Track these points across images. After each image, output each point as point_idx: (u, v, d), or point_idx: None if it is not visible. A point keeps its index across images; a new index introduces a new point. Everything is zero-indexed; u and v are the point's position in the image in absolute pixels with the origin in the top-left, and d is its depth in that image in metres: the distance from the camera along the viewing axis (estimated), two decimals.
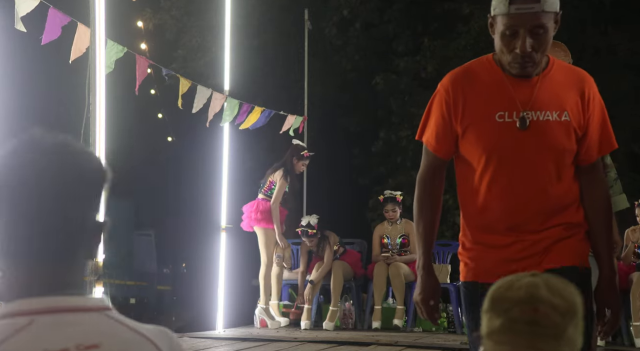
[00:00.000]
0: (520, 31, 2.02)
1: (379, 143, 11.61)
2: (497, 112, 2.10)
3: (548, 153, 2.10)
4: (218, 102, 6.09)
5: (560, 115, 2.09)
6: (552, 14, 2.05)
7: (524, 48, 2.02)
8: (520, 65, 2.06)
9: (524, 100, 2.09)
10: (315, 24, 9.80)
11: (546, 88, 2.10)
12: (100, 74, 3.84)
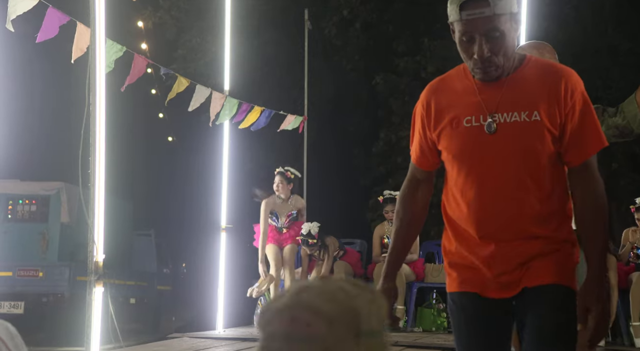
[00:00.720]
0: (475, 36, 1.97)
1: (379, 143, 11.61)
2: (465, 117, 2.05)
3: (518, 157, 2.00)
4: (218, 101, 6.09)
5: (529, 115, 2.00)
6: (508, 15, 1.96)
7: (480, 53, 1.97)
8: (482, 70, 2.01)
9: (491, 103, 2.02)
10: (315, 24, 9.80)
11: (515, 88, 2.03)
12: (100, 73, 3.84)
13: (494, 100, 2.03)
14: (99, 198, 3.77)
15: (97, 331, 3.64)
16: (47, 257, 10.03)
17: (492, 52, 1.97)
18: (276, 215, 6.76)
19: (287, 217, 6.79)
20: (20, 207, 10.32)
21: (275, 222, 6.79)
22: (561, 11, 10.38)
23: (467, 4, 1.95)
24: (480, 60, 1.98)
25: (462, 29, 1.98)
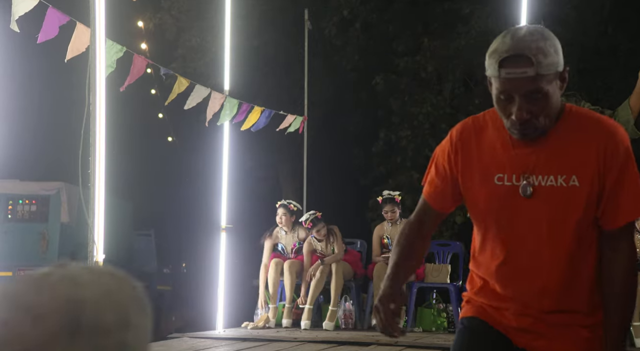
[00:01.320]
0: (515, 96, 1.78)
1: (379, 143, 11.61)
2: (496, 174, 1.89)
3: (551, 224, 1.84)
4: (217, 101, 6.09)
5: (567, 180, 1.83)
6: (553, 75, 1.77)
7: (520, 115, 1.79)
8: (520, 132, 1.82)
9: (526, 162, 1.86)
10: (315, 24, 9.80)
11: (552, 147, 1.85)
12: (100, 73, 3.84)
13: (529, 160, 1.86)
14: (99, 198, 3.77)
15: None
16: (47, 257, 10.02)
17: (532, 114, 1.78)
18: (282, 248, 6.87)
19: (293, 248, 6.90)
20: (20, 207, 10.31)
21: (282, 252, 6.88)
22: (561, 11, 10.37)
23: (508, 61, 1.76)
24: (518, 122, 1.80)
25: (500, 87, 1.79)
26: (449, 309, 6.87)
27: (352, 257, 6.93)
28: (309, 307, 6.52)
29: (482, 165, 1.91)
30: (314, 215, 6.75)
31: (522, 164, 1.86)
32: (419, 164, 11.28)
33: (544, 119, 1.81)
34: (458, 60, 11.14)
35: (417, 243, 2.07)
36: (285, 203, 6.94)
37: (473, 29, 10.99)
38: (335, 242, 6.73)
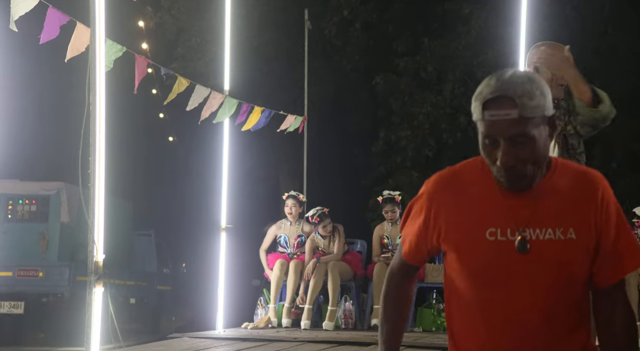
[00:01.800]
0: (499, 140, 1.69)
1: (379, 143, 11.63)
2: (487, 229, 1.76)
3: (553, 280, 1.75)
4: (217, 101, 6.09)
5: (564, 232, 1.74)
6: (539, 119, 1.69)
7: (505, 160, 1.69)
8: (507, 180, 1.73)
9: (521, 215, 1.75)
10: (315, 24, 9.80)
11: (547, 199, 1.75)
12: (100, 73, 3.83)
13: (524, 212, 1.75)
14: (99, 198, 3.77)
15: (97, 331, 3.64)
16: (47, 256, 10.03)
17: (518, 160, 1.69)
18: (285, 239, 6.87)
19: (296, 240, 6.90)
20: (20, 207, 10.32)
21: (284, 247, 6.88)
22: (561, 11, 10.38)
23: (492, 103, 1.70)
24: (504, 168, 1.71)
25: (484, 130, 1.72)
26: None
27: (352, 257, 6.93)
28: (308, 307, 6.52)
29: (470, 220, 1.78)
30: (321, 210, 6.75)
31: (516, 217, 1.75)
32: (419, 164, 11.29)
33: (532, 167, 1.71)
34: (458, 60, 11.15)
35: (406, 302, 2.05)
36: (294, 194, 7.01)
37: (473, 29, 11.00)
38: (337, 241, 6.74)
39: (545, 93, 1.71)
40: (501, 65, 10.34)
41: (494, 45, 10.70)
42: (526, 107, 1.67)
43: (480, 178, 1.79)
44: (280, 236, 6.93)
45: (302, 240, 6.89)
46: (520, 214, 1.75)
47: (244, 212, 9.22)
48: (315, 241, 6.79)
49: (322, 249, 6.78)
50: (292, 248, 6.88)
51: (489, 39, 10.87)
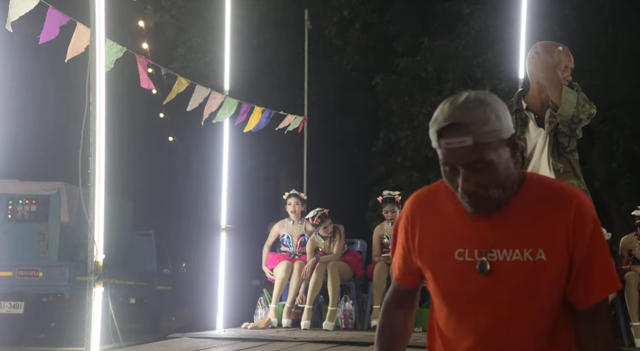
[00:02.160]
0: (458, 168, 1.67)
1: (379, 143, 11.63)
2: (456, 249, 1.74)
3: (521, 302, 1.69)
4: (217, 101, 6.09)
5: (533, 253, 1.69)
6: (496, 143, 1.64)
7: (465, 188, 1.66)
8: (471, 205, 1.70)
9: (488, 236, 1.71)
10: (315, 24, 9.80)
11: (516, 218, 1.71)
12: (100, 73, 3.83)
13: (491, 233, 1.71)
14: (99, 198, 3.77)
15: (97, 331, 3.64)
16: (47, 256, 10.03)
17: (479, 185, 1.66)
18: (288, 238, 6.87)
19: (298, 240, 6.92)
20: (20, 207, 10.31)
21: (287, 246, 6.89)
22: (561, 11, 10.38)
23: (446, 131, 1.66)
24: (466, 195, 1.68)
25: (442, 158, 1.69)
26: None
27: (353, 257, 6.93)
28: (308, 307, 6.52)
29: (442, 240, 1.77)
30: (321, 211, 6.76)
31: (483, 238, 1.72)
32: (419, 164, 11.29)
33: (495, 190, 1.67)
34: (458, 60, 11.15)
35: (402, 337, 2.02)
36: (296, 192, 7.04)
37: (473, 29, 11.00)
38: (338, 241, 6.74)
39: (501, 115, 1.66)
40: (501, 65, 10.35)
41: (494, 45, 10.70)
42: (480, 133, 1.63)
43: (454, 197, 1.75)
44: (283, 235, 6.94)
45: (304, 240, 6.90)
46: (487, 235, 1.71)
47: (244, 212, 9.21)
48: (315, 241, 6.80)
49: (322, 250, 6.78)
50: (295, 248, 6.89)
51: (489, 39, 10.87)
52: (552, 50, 3.55)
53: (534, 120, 3.54)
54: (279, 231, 6.96)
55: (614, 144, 10.57)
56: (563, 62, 3.48)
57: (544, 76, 3.49)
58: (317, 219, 6.70)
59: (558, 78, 3.45)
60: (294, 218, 6.96)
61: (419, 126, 11.23)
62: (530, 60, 3.59)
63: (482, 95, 1.70)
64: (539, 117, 3.53)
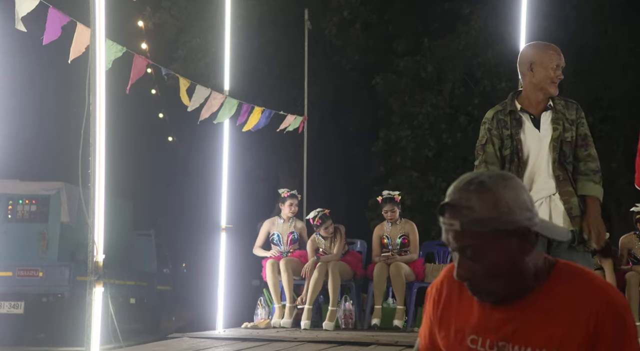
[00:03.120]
0: (453, 251, 1.60)
1: (379, 143, 11.62)
2: (470, 335, 1.67)
3: None
4: (217, 101, 6.09)
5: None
6: (490, 232, 1.54)
7: (457, 273, 1.59)
8: (471, 292, 1.62)
9: (503, 329, 1.62)
10: (315, 24, 9.80)
11: (535, 314, 1.60)
12: (100, 73, 3.84)
13: (507, 327, 1.62)
14: (99, 198, 3.77)
15: (97, 331, 3.64)
16: (47, 256, 10.03)
17: (472, 273, 1.57)
18: (278, 236, 6.89)
19: (288, 238, 6.95)
20: (20, 207, 10.32)
21: (277, 244, 6.91)
22: (561, 11, 10.38)
23: (444, 210, 1.58)
24: (466, 284, 1.60)
25: (442, 236, 1.62)
26: None
27: (353, 257, 6.93)
28: (308, 307, 6.52)
29: (459, 322, 1.69)
30: (322, 212, 6.76)
31: (497, 329, 1.62)
32: (419, 164, 11.29)
33: (494, 282, 1.57)
34: (458, 60, 11.15)
35: None
36: (294, 192, 7.08)
37: (473, 29, 11.01)
38: (338, 241, 6.75)
39: (503, 204, 1.54)
40: (501, 65, 10.36)
41: (494, 45, 10.70)
42: (468, 219, 1.54)
43: None
44: (273, 233, 6.96)
45: (294, 237, 6.94)
46: (501, 327, 1.62)
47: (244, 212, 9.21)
48: (316, 242, 6.80)
49: (323, 250, 6.79)
50: (285, 246, 6.92)
51: (489, 39, 10.87)
52: (543, 49, 3.53)
53: (529, 120, 3.50)
54: (270, 229, 6.97)
55: (614, 144, 10.56)
56: (554, 61, 3.47)
57: (536, 77, 3.47)
58: (319, 220, 6.71)
59: (600, 221, 3.33)
60: (284, 217, 6.98)
61: (419, 126, 11.23)
62: (521, 60, 3.56)
63: (491, 179, 1.58)
64: (535, 118, 3.49)
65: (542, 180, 3.42)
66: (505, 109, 3.52)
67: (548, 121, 3.49)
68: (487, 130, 3.51)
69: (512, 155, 3.44)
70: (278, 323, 6.53)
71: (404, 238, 6.82)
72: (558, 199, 3.40)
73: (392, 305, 6.83)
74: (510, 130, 3.45)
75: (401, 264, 6.61)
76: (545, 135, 3.46)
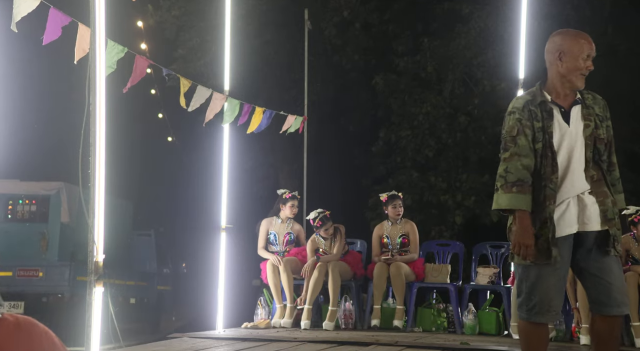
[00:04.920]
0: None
1: (379, 143, 11.62)
2: None
3: None
4: (218, 102, 6.09)
5: None
6: None
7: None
8: None
9: None
10: (315, 24, 9.79)
11: None
12: (100, 74, 3.83)
13: None
14: (99, 198, 3.77)
15: (97, 331, 3.64)
16: (47, 257, 10.04)
17: None
18: (275, 236, 6.90)
19: (285, 238, 6.96)
20: (20, 207, 10.32)
21: (274, 244, 6.93)
22: (561, 11, 10.38)
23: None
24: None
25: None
26: (449, 309, 6.87)
27: (353, 257, 6.93)
28: (308, 307, 6.52)
29: None
30: (322, 213, 6.76)
31: None
32: (419, 164, 11.28)
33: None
34: (458, 60, 11.14)
35: None
36: (295, 194, 7.10)
37: (473, 29, 11.00)
38: (338, 241, 6.75)
39: None
40: (501, 65, 10.35)
41: (494, 45, 10.70)
42: None
43: None
44: (270, 233, 6.96)
45: (291, 238, 6.96)
46: None
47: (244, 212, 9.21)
48: (316, 242, 6.81)
49: (323, 250, 6.79)
50: (282, 246, 6.93)
51: (489, 39, 10.87)
52: (573, 37, 3.37)
53: (559, 113, 3.25)
54: (268, 228, 6.97)
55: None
56: (585, 51, 3.34)
57: (564, 67, 3.29)
58: (319, 221, 6.72)
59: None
60: (282, 218, 6.99)
61: (419, 126, 11.22)
62: (549, 48, 3.35)
63: None
64: (565, 111, 3.25)
65: (574, 178, 3.19)
66: (535, 99, 3.28)
67: (578, 116, 3.27)
68: (517, 121, 3.22)
69: (545, 149, 3.18)
70: (278, 323, 6.53)
71: (404, 238, 6.82)
72: (591, 198, 3.19)
73: (392, 305, 6.83)
74: (542, 122, 3.21)
75: (401, 264, 6.61)
76: (576, 131, 3.23)
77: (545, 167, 3.15)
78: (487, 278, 6.76)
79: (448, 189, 10.61)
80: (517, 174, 3.13)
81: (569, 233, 3.16)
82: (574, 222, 3.16)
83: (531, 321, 3.16)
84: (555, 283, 3.13)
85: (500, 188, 3.16)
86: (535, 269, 3.13)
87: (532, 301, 3.14)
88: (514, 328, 6.22)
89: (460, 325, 6.64)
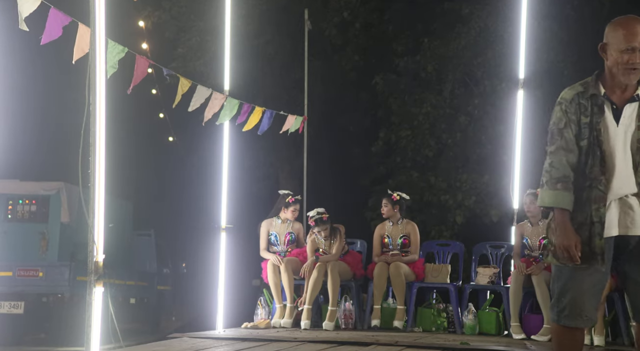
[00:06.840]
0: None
1: (379, 143, 11.62)
2: None
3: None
4: (218, 102, 6.09)
5: None
6: None
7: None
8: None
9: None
10: (315, 24, 9.79)
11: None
12: (100, 74, 3.83)
13: None
14: (99, 198, 3.76)
15: (97, 331, 3.64)
16: (47, 257, 10.03)
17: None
18: (275, 236, 6.91)
19: (286, 238, 6.97)
20: (20, 207, 10.31)
21: (275, 245, 6.93)
22: (561, 11, 10.38)
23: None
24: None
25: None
26: (449, 309, 6.87)
27: (353, 258, 6.93)
28: (308, 307, 6.52)
29: None
30: (320, 216, 6.73)
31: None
32: (419, 164, 11.29)
33: None
34: (458, 60, 11.14)
35: None
36: (299, 198, 7.13)
37: (473, 29, 11.00)
38: (337, 241, 6.75)
39: None
40: (501, 65, 10.35)
41: (494, 45, 10.70)
42: None
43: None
44: (271, 234, 6.97)
45: (292, 238, 6.97)
46: None
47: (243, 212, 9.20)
48: (316, 242, 6.81)
49: (322, 250, 6.79)
50: (283, 246, 6.93)
51: (489, 39, 10.87)
52: (614, 28, 3.19)
53: (610, 110, 3.00)
54: (268, 228, 6.98)
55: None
56: (623, 43, 3.14)
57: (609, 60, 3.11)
58: (313, 221, 6.72)
59: None
60: (282, 218, 6.99)
61: (419, 126, 11.22)
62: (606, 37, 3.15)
63: None
64: (617, 108, 2.99)
65: (622, 180, 2.94)
66: (586, 92, 3.07)
67: (632, 115, 2.99)
68: (564, 113, 3.01)
69: (592, 147, 2.94)
70: (278, 323, 6.53)
71: (405, 238, 6.82)
72: (635, 201, 2.93)
73: (392, 305, 6.83)
74: (591, 118, 2.98)
75: (401, 264, 6.61)
76: (626, 131, 2.97)
77: (592, 167, 2.94)
78: (487, 278, 6.76)
79: (448, 189, 10.60)
80: (562, 170, 2.94)
81: (608, 235, 2.93)
82: (614, 225, 2.94)
83: (562, 325, 2.98)
84: (589, 288, 2.94)
85: (545, 184, 2.97)
86: (568, 270, 2.95)
87: (562, 303, 2.96)
88: (513, 328, 6.23)
89: (460, 325, 6.63)
